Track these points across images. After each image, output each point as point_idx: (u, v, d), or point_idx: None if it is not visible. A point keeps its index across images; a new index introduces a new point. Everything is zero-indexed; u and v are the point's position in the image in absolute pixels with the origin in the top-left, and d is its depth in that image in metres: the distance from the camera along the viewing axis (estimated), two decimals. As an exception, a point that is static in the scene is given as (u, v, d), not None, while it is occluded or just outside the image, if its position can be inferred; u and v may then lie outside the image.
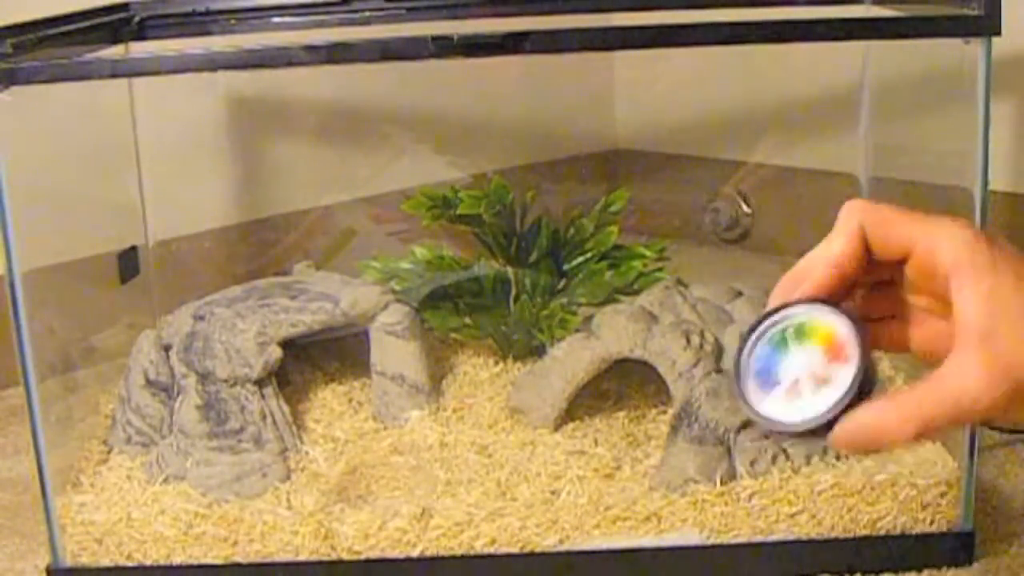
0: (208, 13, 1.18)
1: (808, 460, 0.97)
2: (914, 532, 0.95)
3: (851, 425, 0.55)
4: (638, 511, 0.95)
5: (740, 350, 0.56)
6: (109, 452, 1.08)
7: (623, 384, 1.12)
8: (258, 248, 1.59)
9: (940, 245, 0.55)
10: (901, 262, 0.57)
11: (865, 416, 0.55)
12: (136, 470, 1.04)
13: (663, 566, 0.95)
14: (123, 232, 1.28)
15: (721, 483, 0.95)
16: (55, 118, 1.05)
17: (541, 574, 0.96)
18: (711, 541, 0.95)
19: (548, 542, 0.95)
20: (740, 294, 1.10)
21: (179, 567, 0.96)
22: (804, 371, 0.55)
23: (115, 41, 1.15)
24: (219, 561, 0.96)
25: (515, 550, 0.95)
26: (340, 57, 0.87)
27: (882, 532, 0.95)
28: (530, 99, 1.78)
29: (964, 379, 0.54)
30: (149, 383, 1.07)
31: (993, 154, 0.89)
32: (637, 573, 0.95)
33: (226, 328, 1.07)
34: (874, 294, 0.60)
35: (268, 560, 0.96)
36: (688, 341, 1.00)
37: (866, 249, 0.57)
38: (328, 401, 1.14)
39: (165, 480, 1.01)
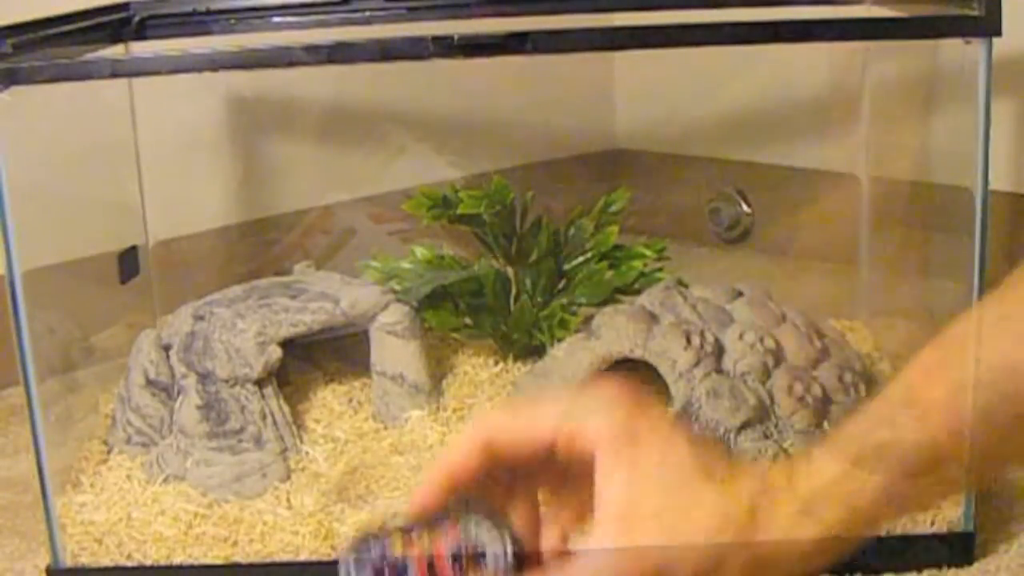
0: (208, 13, 1.18)
1: (808, 460, 0.97)
2: (914, 532, 0.95)
3: None
4: (638, 511, 0.95)
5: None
6: (109, 452, 1.08)
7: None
8: (258, 248, 1.58)
9: (580, 427, 0.54)
10: (554, 453, 0.55)
11: None
12: (136, 470, 1.04)
13: (663, 566, 0.95)
14: (123, 232, 1.28)
15: (721, 483, 0.95)
16: (55, 118, 1.05)
17: (541, 574, 0.96)
18: (711, 541, 0.94)
19: (548, 542, 0.95)
20: (740, 294, 1.10)
21: (179, 567, 0.96)
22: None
23: (115, 41, 1.15)
24: (219, 561, 0.96)
25: (515, 550, 0.95)
26: (340, 57, 0.87)
27: (882, 532, 0.95)
28: (530, 99, 1.77)
29: (596, 569, 0.53)
30: (149, 383, 1.07)
31: (993, 154, 0.89)
32: (637, 573, 0.95)
33: (226, 328, 1.07)
34: (541, 471, 0.58)
35: (268, 560, 0.96)
36: (688, 341, 1.00)
37: (495, 459, 0.55)
38: (328, 401, 1.14)
39: (165, 480, 1.01)
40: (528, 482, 0.59)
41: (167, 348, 1.09)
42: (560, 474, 0.58)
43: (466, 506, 0.56)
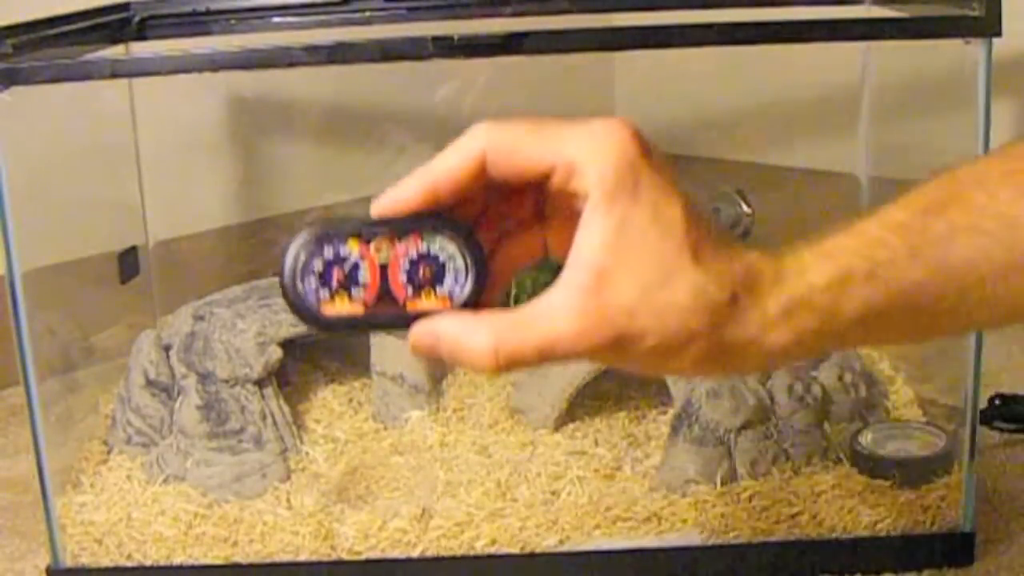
0: (208, 13, 1.18)
1: (809, 461, 0.97)
2: (914, 533, 0.95)
3: (430, 328, 0.51)
4: (638, 512, 0.95)
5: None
6: (109, 452, 1.08)
7: (623, 384, 1.12)
8: (258, 248, 1.58)
9: (581, 165, 0.50)
10: (543, 181, 0.51)
11: (446, 325, 0.51)
12: (136, 470, 1.04)
13: (663, 567, 0.95)
14: (123, 232, 1.28)
15: (722, 484, 0.95)
16: (55, 118, 1.05)
17: (541, 575, 0.96)
18: (711, 542, 0.94)
19: (548, 543, 0.95)
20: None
21: (179, 567, 0.96)
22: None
23: (115, 41, 1.15)
24: (219, 561, 0.96)
25: (515, 550, 0.95)
26: (340, 57, 0.87)
27: (882, 533, 0.95)
28: (530, 99, 1.77)
29: (557, 323, 0.49)
30: (149, 383, 1.07)
31: (993, 154, 0.89)
32: (637, 574, 0.95)
33: (226, 328, 1.07)
34: (517, 199, 0.54)
35: (268, 560, 0.95)
36: (688, 341, 1.00)
37: (484, 174, 0.51)
38: (328, 401, 1.14)
39: (165, 480, 1.01)
40: (501, 207, 0.55)
41: (167, 348, 1.09)
42: (535, 208, 0.55)
43: (438, 221, 0.52)
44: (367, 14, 1.17)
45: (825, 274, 0.52)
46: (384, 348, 1.11)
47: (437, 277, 0.52)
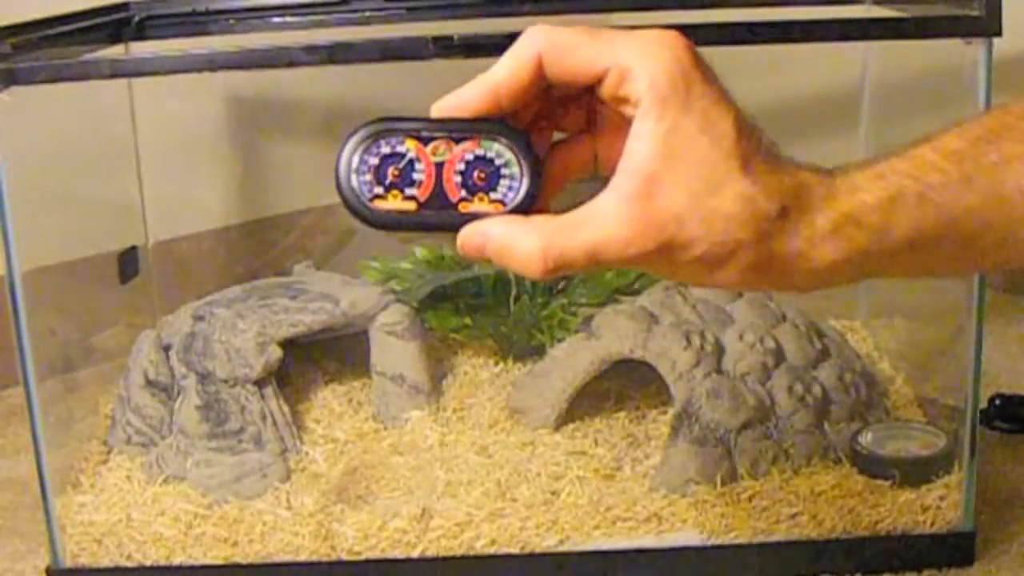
0: (208, 13, 1.18)
1: (809, 461, 0.97)
2: (914, 533, 0.95)
3: (480, 229, 0.51)
4: (638, 512, 0.95)
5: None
6: (109, 452, 1.08)
7: (623, 384, 1.12)
8: (258, 248, 1.58)
9: (634, 70, 0.50)
10: (595, 86, 0.51)
11: (496, 228, 0.51)
12: (136, 470, 1.04)
13: (663, 567, 0.95)
14: (123, 232, 1.28)
15: (721, 484, 0.95)
16: (55, 118, 1.05)
17: (541, 575, 0.96)
18: (711, 542, 0.95)
19: (548, 543, 0.95)
20: (740, 295, 1.10)
21: (179, 567, 0.96)
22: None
23: (115, 41, 1.15)
24: (219, 561, 0.96)
25: (515, 550, 0.95)
26: (340, 57, 0.87)
27: (882, 533, 0.95)
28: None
29: (607, 227, 0.49)
30: (149, 383, 1.07)
31: (993, 155, 0.89)
32: (637, 574, 0.95)
33: (226, 328, 1.07)
34: (569, 107, 0.54)
35: (268, 560, 0.95)
36: (688, 342, 1.00)
37: (542, 76, 0.51)
38: (328, 401, 1.14)
39: (165, 480, 1.01)
40: (553, 115, 0.55)
41: (167, 348, 1.09)
42: (586, 117, 0.55)
43: (497, 126, 0.52)
44: (366, 14, 1.17)
45: (876, 193, 0.52)
46: (384, 348, 1.11)
47: (491, 182, 0.52)
